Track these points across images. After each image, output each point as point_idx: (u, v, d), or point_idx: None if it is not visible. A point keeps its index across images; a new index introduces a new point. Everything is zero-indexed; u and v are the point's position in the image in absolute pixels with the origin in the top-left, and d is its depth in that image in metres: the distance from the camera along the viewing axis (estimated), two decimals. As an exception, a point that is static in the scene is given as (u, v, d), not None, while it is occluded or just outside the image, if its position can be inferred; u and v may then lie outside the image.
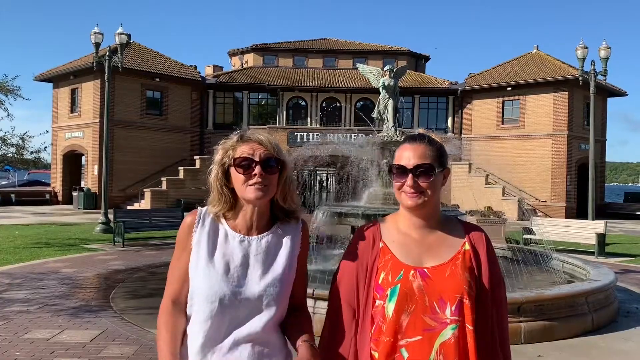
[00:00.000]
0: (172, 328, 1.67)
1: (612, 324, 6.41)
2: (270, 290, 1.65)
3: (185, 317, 1.70)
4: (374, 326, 1.64)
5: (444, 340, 1.56)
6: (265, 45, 36.80)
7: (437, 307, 1.58)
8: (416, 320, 1.58)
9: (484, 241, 1.72)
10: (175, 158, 29.56)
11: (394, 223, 1.75)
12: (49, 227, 17.27)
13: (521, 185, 28.28)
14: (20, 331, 5.71)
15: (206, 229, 1.70)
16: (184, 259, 1.70)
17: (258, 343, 1.63)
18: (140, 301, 7.17)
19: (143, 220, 14.23)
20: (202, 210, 1.74)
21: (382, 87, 9.55)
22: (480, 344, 1.59)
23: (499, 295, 1.69)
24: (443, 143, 1.75)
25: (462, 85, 31.69)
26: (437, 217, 1.74)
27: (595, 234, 12.85)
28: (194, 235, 1.69)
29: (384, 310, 1.62)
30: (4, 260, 10.34)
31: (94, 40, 16.48)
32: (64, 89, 29.93)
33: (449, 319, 1.57)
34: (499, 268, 1.73)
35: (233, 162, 1.65)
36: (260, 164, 1.62)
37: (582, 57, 16.35)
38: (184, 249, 1.71)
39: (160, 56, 31.43)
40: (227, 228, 1.71)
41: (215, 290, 1.61)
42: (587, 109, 26.13)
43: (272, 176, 1.65)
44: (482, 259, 1.68)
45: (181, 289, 1.70)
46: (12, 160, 14.78)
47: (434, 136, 1.75)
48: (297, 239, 1.75)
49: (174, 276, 1.72)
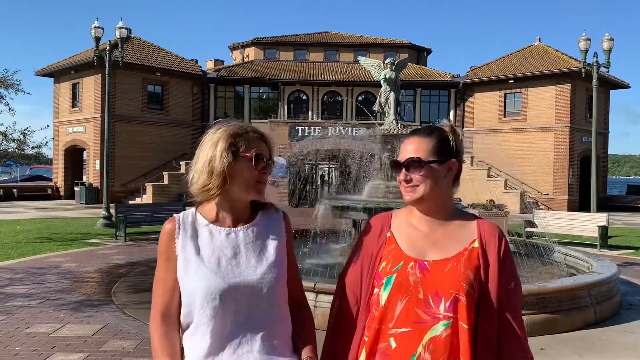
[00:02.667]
0: (168, 343, 1.62)
1: (614, 316, 6.39)
2: (268, 277, 1.62)
3: (179, 330, 1.64)
4: (369, 314, 1.64)
5: (434, 335, 1.53)
6: (266, 39, 36.70)
7: (431, 301, 1.55)
8: (408, 311, 1.56)
9: (497, 242, 1.63)
10: (176, 152, 29.54)
11: (407, 215, 1.74)
12: (51, 222, 17.29)
13: (523, 178, 28.22)
14: (22, 326, 5.71)
15: (188, 232, 1.65)
16: (170, 269, 1.64)
17: (266, 334, 1.60)
18: (141, 295, 7.15)
19: (145, 215, 14.27)
20: (180, 215, 1.69)
21: (383, 80, 9.51)
22: (478, 345, 1.54)
23: (511, 301, 1.60)
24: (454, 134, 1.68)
25: (464, 78, 31.57)
26: (447, 211, 1.69)
27: (598, 227, 12.82)
28: (177, 241, 1.64)
29: (378, 298, 1.62)
30: (6, 255, 10.35)
31: (95, 34, 16.41)
32: (64, 84, 29.91)
33: (441, 315, 1.54)
34: (513, 271, 1.63)
35: (254, 155, 1.61)
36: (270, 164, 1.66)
37: (585, 49, 16.25)
38: (168, 258, 1.65)
39: (161, 50, 31.36)
40: (210, 225, 1.67)
41: (213, 288, 1.57)
42: (589, 101, 26.03)
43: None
44: (491, 259, 1.61)
45: (171, 301, 1.64)
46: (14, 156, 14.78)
47: (444, 126, 1.69)
48: (282, 228, 1.74)
49: (161, 288, 1.66)
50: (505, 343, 1.58)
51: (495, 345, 1.57)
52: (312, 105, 32.73)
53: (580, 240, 13.34)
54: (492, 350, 1.56)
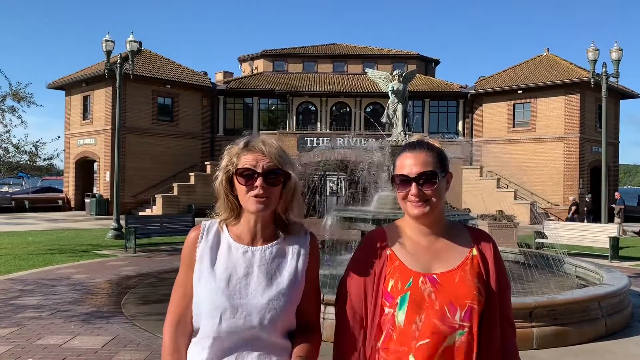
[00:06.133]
0: (177, 348, 1.64)
1: (626, 329, 6.33)
2: (274, 304, 1.58)
3: (189, 338, 1.66)
4: (383, 334, 1.61)
5: (449, 344, 1.55)
6: (274, 51, 36.95)
7: (447, 311, 1.57)
8: (428, 324, 1.56)
9: (491, 247, 1.71)
10: (186, 164, 29.75)
11: (401, 229, 1.73)
12: (62, 233, 17.43)
13: (533, 189, 28.06)
14: (33, 337, 5.76)
15: (209, 242, 1.65)
16: (190, 275, 1.64)
17: (263, 358, 1.59)
18: (151, 307, 7.19)
19: (154, 226, 14.33)
20: (206, 224, 1.69)
21: (391, 91, 9.54)
22: (485, 348, 1.58)
23: (506, 299, 1.69)
24: (442, 147, 1.74)
25: (472, 88, 31.56)
26: (443, 222, 1.72)
27: (609, 238, 12.71)
28: (198, 249, 1.64)
29: (394, 318, 1.59)
30: (17, 267, 10.44)
31: (106, 48, 16.64)
32: (76, 96, 30.26)
33: (457, 324, 1.56)
34: (506, 273, 1.72)
35: (235, 171, 1.61)
36: (262, 176, 1.57)
37: (594, 59, 16.24)
38: (189, 265, 1.65)
39: (171, 63, 31.67)
40: (230, 240, 1.66)
41: (216, 305, 1.56)
42: (599, 111, 25.89)
43: (275, 188, 1.60)
44: (490, 264, 1.67)
45: (187, 308, 1.65)
46: (26, 167, 14.92)
47: (432, 141, 1.73)
48: (305, 252, 1.68)
49: (180, 294, 1.67)
50: (504, 338, 1.66)
51: (500, 345, 1.63)
52: (320, 116, 32.84)
53: (591, 251, 13.22)
54: (499, 351, 1.63)
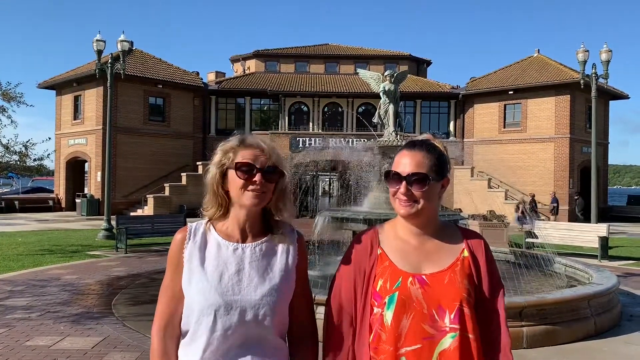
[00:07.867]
0: (166, 351, 1.64)
1: (615, 327, 6.38)
2: (268, 300, 1.59)
3: (177, 341, 1.66)
4: (372, 334, 1.61)
5: (443, 348, 1.54)
6: (267, 51, 36.91)
7: (436, 315, 1.56)
8: (416, 328, 1.56)
9: (483, 248, 1.70)
10: (177, 164, 29.65)
11: (392, 229, 1.73)
12: (52, 234, 17.31)
13: (524, 189, 28.21)
14: (22, 338, 5.71)
15: (197, 242, 1.65)
16: (177, 278, 1.64)
17: (259, 356, 1.59)
18: (142, 307, 7.16)
19: (145, 227, 14.25)
20: (193, 226, 1.70)
21: (383, 92, 9.57)
22: (480, 350, 1.58)
23: (499, 301, 1.67)
24: (445, 150, 1.71)
25: (463, 89, 31.69)
26: (435, 224, 1.71)
27: (598, 237, 12.81)
28: (185, 250, 1.64)
29: (382, 318, 1.59)
30: (7, 267, 10.36)
31: (96, 47, 16.55)
32: (66, 96, 30.07)
33: (448, 327, 1.55)
34: (498, 274, 1.71)
35: (235, 165, 1.62)
36: (261, 171, 1.60)
37: (583, 60, 16.38)
38: (176, 267, 1.65)
39: (162, 63, 31.54)
40: (219, 239, 1.66)
41: (210, 302, 1.56)
42: (589, 112, 26.10)
43: (271, 184, 1.63)
44: (481, 265, 1.66)
45: (175, 310, 1.65)
46: (16, 168, 14.82)
47: (437, 143, 1.70)
48: (294, 249, 1.70)
49: (167, 296, 1.66)
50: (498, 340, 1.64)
51: (499, 347, 1.62)
52: (312, 116, 32.84)
53: (580, 251, 13.32)
54: (495, 351, 1.62)
